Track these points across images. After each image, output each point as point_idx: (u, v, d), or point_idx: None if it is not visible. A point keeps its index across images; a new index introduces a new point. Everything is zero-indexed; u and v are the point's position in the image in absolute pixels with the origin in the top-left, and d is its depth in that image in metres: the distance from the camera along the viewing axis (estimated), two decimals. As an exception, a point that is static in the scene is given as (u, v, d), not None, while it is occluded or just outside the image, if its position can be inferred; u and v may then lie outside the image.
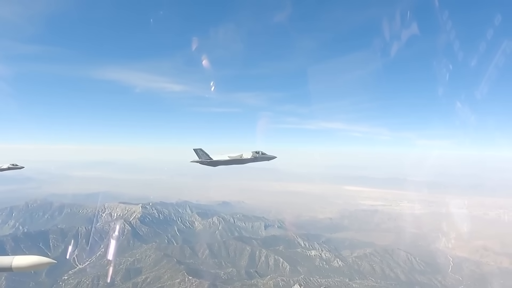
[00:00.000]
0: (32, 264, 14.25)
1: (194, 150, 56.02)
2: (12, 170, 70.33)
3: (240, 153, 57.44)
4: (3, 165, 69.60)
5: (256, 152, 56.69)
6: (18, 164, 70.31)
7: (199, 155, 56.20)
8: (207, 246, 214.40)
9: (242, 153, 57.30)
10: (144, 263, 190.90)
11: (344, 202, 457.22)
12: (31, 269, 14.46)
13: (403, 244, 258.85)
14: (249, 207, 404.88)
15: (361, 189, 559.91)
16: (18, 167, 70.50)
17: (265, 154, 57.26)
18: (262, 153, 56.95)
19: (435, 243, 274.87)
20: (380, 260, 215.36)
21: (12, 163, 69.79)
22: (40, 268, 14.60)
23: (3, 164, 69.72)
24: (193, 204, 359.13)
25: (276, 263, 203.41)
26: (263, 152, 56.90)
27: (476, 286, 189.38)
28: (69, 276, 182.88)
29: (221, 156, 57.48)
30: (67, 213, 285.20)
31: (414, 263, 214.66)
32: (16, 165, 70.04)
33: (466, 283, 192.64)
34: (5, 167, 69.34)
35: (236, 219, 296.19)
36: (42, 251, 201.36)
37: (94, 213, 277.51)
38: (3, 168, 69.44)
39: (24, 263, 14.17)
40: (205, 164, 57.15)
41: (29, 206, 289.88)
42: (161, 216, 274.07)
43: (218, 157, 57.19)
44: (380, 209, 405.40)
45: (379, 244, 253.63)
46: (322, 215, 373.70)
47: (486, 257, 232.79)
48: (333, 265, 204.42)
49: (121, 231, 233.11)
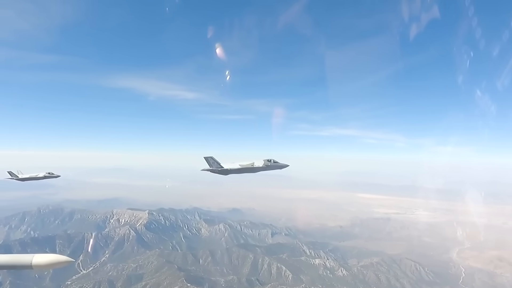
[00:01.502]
0: (51, 262, 14.33)
1: (204, 158, 54.79)
2: (48, 178, 67.98)
3: (252, 162, 55.87)
4: (39, 173, 67.58)
5: (268, 160, 54.86)
6: (54, 173, 67.60)
7: (209, 163, 55.05)
8: (210, 253, 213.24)
9: (254, 162, 55.72)
10: (146, 269, 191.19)
11: (357, 209, 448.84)
12: (50, 267, 14.51)
13: (413, 254, 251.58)
14: (259, 214, 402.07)
15: (375, 197, 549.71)
16: (54, 175, 67.61)
17: (277, 162, 55.35)
18: (274, 161, 55.08)
19: (448, 253, 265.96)
20: (387, 270, 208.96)
21: (48, 172, 67.40)
22: (58, 266, 14.76)
23: (39, 172, 67.75)
24: (202, 211, 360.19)
25: (279, 271, 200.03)
26: (275, 160, 55.04)
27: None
28: (72, 281, 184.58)
29: (232, 165, 56.08)
30: (77, 219, 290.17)
31: (422, 274, 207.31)
32: (52, 174, 67.36)
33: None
34: (41, 176, 67.17)
35: (243, 226, 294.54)
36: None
37: (102, 219, 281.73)
38: (39, 177, 67.48)
39: (43, 261, 14.26)
40: (216, 172, 55.89)
41: (41, 212, 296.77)
42: (168, 222, 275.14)
43: (229, 166, 55.76)
44: (393, 218, 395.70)
45: (389, 253, 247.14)
46: (332, 223, 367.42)
47: (500, 268, 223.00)
48: (337, 274, 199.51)
49: (126, 237, 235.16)
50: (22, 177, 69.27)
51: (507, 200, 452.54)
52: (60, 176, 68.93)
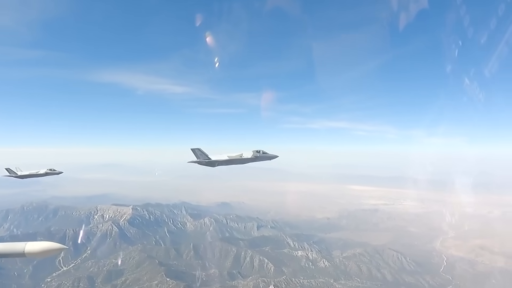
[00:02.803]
0: (44, 250, 14.36)
1: (192, 150, 53.49)
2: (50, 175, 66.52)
3: (240, 153, 55.12)
4: (40, 170, 66.06)
5: (257, 151, 54.17)
6: (56, 169, 66.29)
7: (197, 155, 53.81)
8: (193, 247, 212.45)
9: (242, 153, 55.00)
10: (127, 265, 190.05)
11: (346, 201, 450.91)
12: (43, 255, 14.62)
13: (398, 244, 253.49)
14: (248, 208, 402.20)
15: (365, 188, 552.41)
16: (56, 172, 66.34)
17: (267, 153, 54.60)
18: (263, 152, 54.36)
19: (432, 242, 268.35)
20: (369, 260, 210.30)
21: (50, 168, 65.88)
22: (52, 254, 14.84)
23: (40, 169, 66.19)
24: (190, 205, 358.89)
25: (261, 264, 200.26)
26: (264, 151, 54.30)
27: (466, 286, 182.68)
28: (52, 278, 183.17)
29: (220, 156, 55.07)
30: (61, 215, 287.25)
31: (404, 263, 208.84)
32: (54, 170, 66.04)
33: (456, 283, 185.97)
34: (42, 172, 65.63)
35: (229, 220, 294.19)
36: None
37: (87, 215, 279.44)
38: (40, 174, 65.93)
39: (36, 248, 14.27)
40: (203, 164, 54.69)
41: (24, 209, 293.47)
42: (152, 217, 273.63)
43: (217, 157, 54.78)
44: (381, 209, 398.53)
45: (374, 244, 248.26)
46: (320, 215, 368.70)
47: (481, 256, 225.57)
48: (319, 266, 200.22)
49: (109, 233, 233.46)
50: (21, 174, 67.30)
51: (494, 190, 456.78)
52: (63, 173, 67.76)
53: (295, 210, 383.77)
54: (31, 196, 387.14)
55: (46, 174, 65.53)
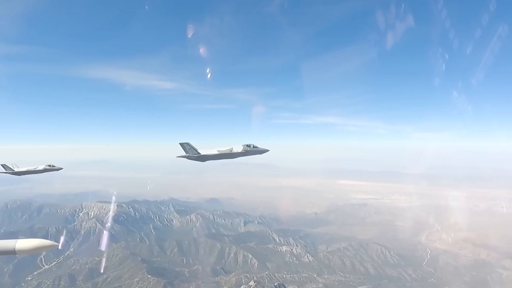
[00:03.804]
0: (35, 247, 14.29)
1: (180, 145, 52.38)
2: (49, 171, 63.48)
3: (230, 147, 54.09)
4: (38, 166, 63.14)
5: (247, 146, 53.26)
6: (55, 165, 63.27)
7: (186, 150, 52.74)
8: (177, 244, 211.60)
9: (232, 147, 53.97)
10: (110, 262, 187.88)
11: (335, 196, 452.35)
12: (33, 252, 14.62)
13: (383, 238, 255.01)
14: (237, 204, 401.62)
15: (354, 183, 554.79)
16: (55, 168, 63.23)
17: (257, 147, 53.75)
18: (253, 146, 53.52)
19: (418, 236, 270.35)
20: (354, 255, 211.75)
21: (49, 164, 62.97)
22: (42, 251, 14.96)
23: (39, 165, 63.23)
24: (178, 202, 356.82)
25: (245, 259, 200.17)
26: (254, 145, 53.50)
27: (447, 279, 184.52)
28: (33, 277, 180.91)
29: (209, 150, 54.12)
30: (45, 213, 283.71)
31: (387, 257, 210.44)
32: (54, 166, 63.04)
33: (437, 275, 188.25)
34: (41, 169, 62.69)
35: (216, 216, 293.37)
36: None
37: (71, 213, 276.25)
38: (39, 170, 63.04)
39: (26, 246, 14.19)
40: (193, 159, 53.51)
41: (8, 207, 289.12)
42: (138, 214, 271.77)
43: (207, 151, 53.83)
44: (369, 203, 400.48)
45: (359, 238, 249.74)
46: (309, 210, 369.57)
47: (464, 249, 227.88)
48: (303, 261, 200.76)
49: (92, 230, 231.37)
50: (18, 170, 64.33)
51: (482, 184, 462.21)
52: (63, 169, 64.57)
53: (284, 206, 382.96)
54: (17, 194, 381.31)
55: (45, 170, 62.98)
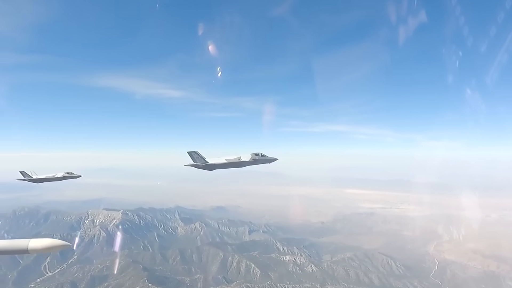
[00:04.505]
0: (47, 247, 15.05)
1: (188, 153, 51.78)
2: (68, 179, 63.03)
3: (238, 156, 53.35)
4: (57, 173, 63.06)
5: (255, 154, 52.38)
6: (74, 173, 63.20)
7: (193, 159, 52.15)
8: (179, 252, 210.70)
9: (241, 156, 53.20)
10: (112, 270, 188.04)
11: (343, 205, 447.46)
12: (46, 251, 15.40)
13: (390, 248, 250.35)
14: (243, 212, 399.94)
15: (362, 192, 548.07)
16: (74, 176, 62.97)
17: (265, 156, 52.80)
18: (262, 155, 52.58)
19: (426, 246, 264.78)
20: (358, 265, 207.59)
21: (68, 172, 62.88)
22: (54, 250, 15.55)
23: (57, 172, 63.22)
24: (184, 210, 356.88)
25: (248, 268, 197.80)
26: (263, 154, 52.56)
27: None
28: (36, 284, 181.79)
29: (217, 159, 53.39)
30: (52, 220, 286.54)
31: (393, 268, 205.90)
32: (72, 174, 62.89)
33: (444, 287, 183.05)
34: (59, 176, 62.48)
35: (221, 224, 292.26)
36: (14, 258, 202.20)
37: (77, 220, 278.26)
38: (57, 177, 62.72)
39: (39, 245, 14.97)
40: (200, 168, 53.02)
41: (16, 214, 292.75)
42: (142, 222, 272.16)
43: (214, 160, 53.09)
44: (377, 212, 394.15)
45: (365, 248, 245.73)
46: (315, 219, 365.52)
47: (473, 260, 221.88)
48: (306, 271, 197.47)
49: (96, 238, 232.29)
50: (36, 177, 64.59)
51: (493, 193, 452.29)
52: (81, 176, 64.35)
53: (290, 214, 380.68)
54: (26, 201, 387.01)
55: (64, 178, 62.69)
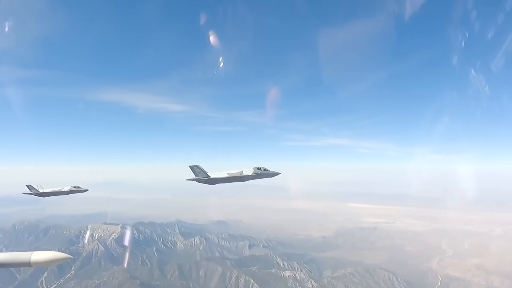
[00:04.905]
0: (49, 259, 14.75)
1: (190, 167, 51.41)
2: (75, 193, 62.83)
3: (241, 170, 52.98)
4: (63, 187, 62.91)
5: (258, 168, 51.95)
6: (81, 187, 63.08)
7: (195, 173, 51.81)
8: (178, 267, 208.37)
9: (243, 170, 52.81)
10: (109, 285, 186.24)
11: (345, 219, 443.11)
12: (48, 264, 15.11)
13: (392, 263, 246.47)
14: (244, 226, 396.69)
15: (365, 206, 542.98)
16: (81, 190, 62.67)
17: (268, 170, 52.31)
18: (264, 169, 52.10)
19: (429, 261, 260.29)
20: (359, 281, 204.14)
21: (74, 186, 62.84)
22: (57, 263, 15.28)
23: (64, 186, 63.17)
24: (185, 224, 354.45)
25: (246, 284, 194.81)
26: (265, 168, 52.11)
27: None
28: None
29: (219, 173, 53.01)
30: (51, 234, 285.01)
31: (395, 283, 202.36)
32: (79, 188, 62.75)
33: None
34: (66, 190, 62.23)
35: (220, 239, 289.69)
36: (11, 273, 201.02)
37: (76, 234, 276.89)
38: (64, 191, 62.43)
39: (41, 258, 14.67)
40: (202, 182, 52.70)
41: (16, 228, 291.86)
42: (141, 236, 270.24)
43: (216, 175, 52.74)
44: (380, 227, 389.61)
45: (367, 263, 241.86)
46: (317, 234, 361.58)
47: (477, 276, 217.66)
48: (306, 286, 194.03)
49: (94, 252, 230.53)
50: (43, 191, 64.30)
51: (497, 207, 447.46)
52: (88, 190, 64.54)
53: (291, 229, 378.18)
54: (28, 214, 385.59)
55: (71, 191, 62.53)
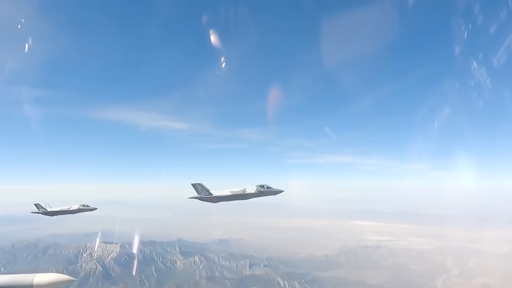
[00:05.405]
0: (52, 282, 14.88)
1: (192, 185, 51.20)
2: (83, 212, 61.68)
3: (243, 188, 52.64)
4: (72, 206, 61.76)
5: (261, 186, 51.62)
6: (90, 205, 61.97)
7: (198, 191, 51.47)
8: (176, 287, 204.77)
9: (246, 188, 52.47)
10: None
11: (349, 237, 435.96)
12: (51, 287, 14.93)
13: (396, 283, 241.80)
14: (246, 245, 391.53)
15: (369, 224, 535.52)
16: (90, 208, 61.89)
17: (271, 188, 52.07)
18: (267, 187, 51.86)
19: (434, 281, 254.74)
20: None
21: (83, 204, 61.69)
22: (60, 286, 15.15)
23: (73, 205, 61.92)
24: (186, 243, 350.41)
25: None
26: (268, 186, 51.88)
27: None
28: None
29: (222, 191, 52.72)
30: (50, 254, 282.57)
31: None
32: (88, 206, 61.61)
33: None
34: (75, 209, 61.07)
35: (221, 258, 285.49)
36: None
37: (75, 253, 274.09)
38: (73, 210, 61.21)
39: (44, 280, 14.86)
40: (205, 200, 52.32)
41: (15, 247, 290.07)
42: (141, 255, 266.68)
43: (219, 193, 52.45)
44: (384, 245, 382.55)
45: (370, 283, 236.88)
46: (319, 252, 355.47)
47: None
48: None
49: (92, 272, 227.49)
50: (51, 210, 62.93)
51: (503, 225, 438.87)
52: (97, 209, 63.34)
53: (293, 247, 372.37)
54: (28, 234, 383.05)
55: (79, 210, 61.31)
